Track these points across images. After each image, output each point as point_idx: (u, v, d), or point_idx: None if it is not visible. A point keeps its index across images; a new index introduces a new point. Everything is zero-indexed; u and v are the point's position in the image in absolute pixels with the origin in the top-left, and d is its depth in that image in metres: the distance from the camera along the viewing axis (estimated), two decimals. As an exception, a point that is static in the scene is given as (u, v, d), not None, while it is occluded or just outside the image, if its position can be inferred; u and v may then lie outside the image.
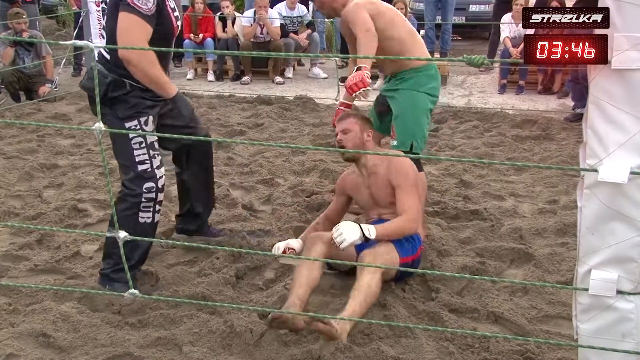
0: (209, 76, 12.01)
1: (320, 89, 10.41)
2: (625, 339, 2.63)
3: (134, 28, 4.14)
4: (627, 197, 2.52)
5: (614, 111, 2.49)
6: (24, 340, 3.84)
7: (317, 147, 7.50)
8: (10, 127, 8.06)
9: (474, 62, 2.82)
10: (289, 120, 8.95)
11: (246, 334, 3.79)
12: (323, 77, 11.89)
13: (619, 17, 2.42)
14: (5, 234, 5.37)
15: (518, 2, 10.87)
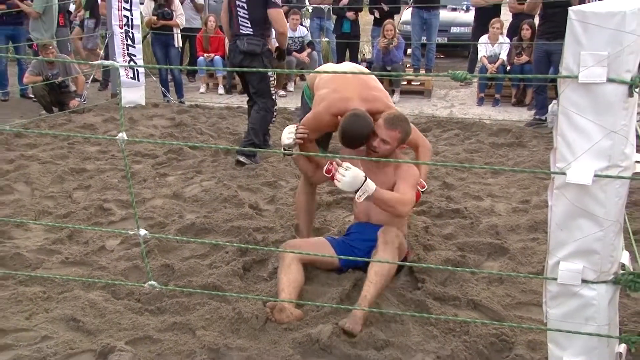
0: (219, 90, 12.00)
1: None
2: (589, 323, 2.64)
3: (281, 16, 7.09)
4: (592, 197, 2.54)
5: (580, 120, 2.50)
6: (57, 324, 3.86)
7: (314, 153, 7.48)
8: (44, 135, 8.06)
9: (457, 77, 2.82)
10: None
11: (252, 319, 3.78)
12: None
13: (585, 37, 2.42)
14: (40, 231, 5.37)
15: (494, 25, 10.95)
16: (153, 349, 3.60)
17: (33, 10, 10.31)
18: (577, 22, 2.42)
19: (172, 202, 5.93)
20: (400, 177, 4.28)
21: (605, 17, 2.37)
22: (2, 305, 4.05)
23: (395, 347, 3.60)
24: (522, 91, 10.52)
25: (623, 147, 2.48)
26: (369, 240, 4.30)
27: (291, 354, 3.50)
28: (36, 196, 6.17)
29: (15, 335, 3.74)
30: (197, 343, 3.62)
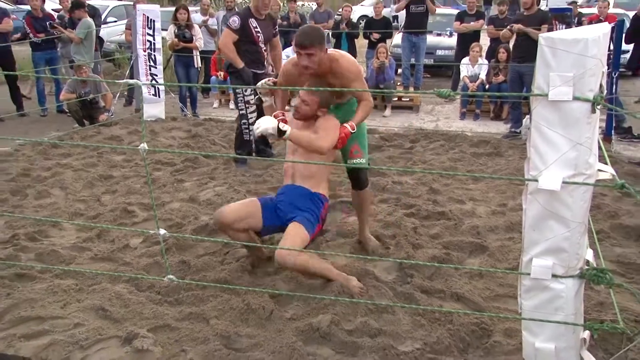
0: (231, 105, 11.95)
1: (320, 116, 10.41)
2: (557, 312, 2.66)
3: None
4: (560, 201, 2.56)
5: (550, 133, 2.52)
6: (87, 313, 3.89)
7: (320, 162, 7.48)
8: (77, 146, 8.07)
9: (442, 94, 2.85)
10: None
11: (259, 310, 3.80)
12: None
13: (553, 60, 2.45)
14: (72, 230, 5.39)
15: (474, 49, 11.02)
16: (171, 336, 3.62)
17: (76, 36, 10.42)
18: (546, 47, 2.45)
19: (188, 205, 5.92)
20: (318, 127, 4.27)
21: (570, 43, 2.40)
22: (40, 296, 4.09)
23: (387, 335, 3.61)
24: (499, 107, 10.53)
25: (587, 157, 2.51)
26: (292, 204, 4.29)
27: (294, 341, 3.50)
28: (70, 200, 6.18)
29: (51, 322, 3.77)
30: (210, 331, 3.64)
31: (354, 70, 4.31)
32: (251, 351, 3.47)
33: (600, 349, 3.35)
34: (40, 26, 10.76)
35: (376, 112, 11.03)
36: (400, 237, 5.02)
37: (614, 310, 3.48)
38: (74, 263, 4.68)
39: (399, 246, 4.87)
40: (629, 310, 3.74)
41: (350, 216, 5.59)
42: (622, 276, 4.40)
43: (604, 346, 3.39)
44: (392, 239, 5.03)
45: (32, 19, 10.86)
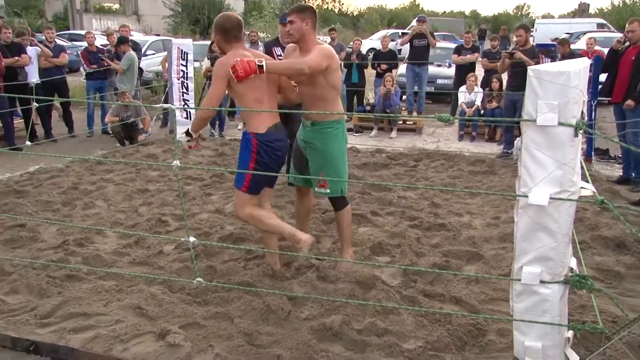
0: None
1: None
2: (545, 314, 2.66)
3: None
4: (548, 215, 2.57)
5: (539, 155, 2.53)
6: (126, 310, 3.92)
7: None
8: (118, 163, 8.14)
9: (442, 119, 2.87)
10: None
11: (278, 311, 3.81)
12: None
13: (540, 89, 2.46)
14: (114, 237, 5.42)
15: (470, 78, 11.08)
16: (200, 333, 3.64)
17: (120, 67, 10.55)
18: (534, 79, 2.47)
19: (215, 216, 5.94)
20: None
21: (555, 75, 2.42)
22: (86, 295, 4.13)
23: (393, 334, 3.62)
24: (492, 130, 10.55)
25: (571, 176, 2.52)
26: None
27: (309, 339, 3.51)
28: (111, 210, 6.23)
29: (96, 318, 3.82)
30: (234, 328, 3.66)
31: (321, 47, 4.23)
32: (271, 347, 3.48)
33: (582, 346, 3.35)
34: (93, 59, 10.92)
35: (383, 133, 11.09)
36: (405, 246, 5.03)
37: (594, 312, 3.47)
38: (115, 266, 4.72)
39: (403, 254, 4.89)
40: (607, 313, 3.74)
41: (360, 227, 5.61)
42: (602, 282, 4.42)
43: (585, 344, 3.40)
44: (398, 248, 5.04)
45: (87, 53, 11.04)
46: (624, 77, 7.26)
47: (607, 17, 35.30)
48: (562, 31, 24.23)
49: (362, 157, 8.73)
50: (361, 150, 9.23)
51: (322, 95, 4.29)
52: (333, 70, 4.26)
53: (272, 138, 4.11)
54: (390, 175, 7.75)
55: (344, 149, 4.50)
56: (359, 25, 49.45)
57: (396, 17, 55.68)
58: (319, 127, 4.37)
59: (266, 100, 4.12)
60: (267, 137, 4.09)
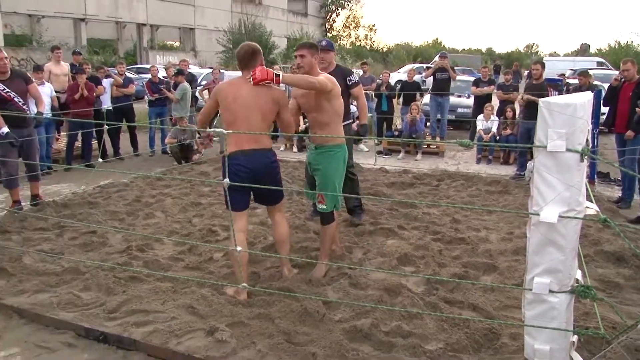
0: (294, 148, 12.02)
1: (364, 158, 10.42)
2: (553, 320, 2.63)
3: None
4: (557, 231, 2.55)
5: (549, 177, 2.52)
6: (180, 310, 3.95)
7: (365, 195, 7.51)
8: (175, 179, 8.25)
9: (463, 144, 2.88)
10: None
11: (314, 313, 3.81)
12: (365, 150, 11.77)
13: (550, 119, 2.46)
14: (170, 245, 5.48)
15: (487, 108, 11.03)
16: (244, 331, 3.65)
17: (175, 97, 10.75)
18: (545, 110, 2.47)
19: (259, 228, 5.97)
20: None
21: (563, 107, 2.42)
22: (146, 294, 4.19)
23: (416, 336, 3.59)
24: (507, 154, 10.46)
25: (578, 197, 2.51)
26: None
27: (341, 339, 3.50)
28: (168, 221, 6.30)
29: (154, 315, 3.86)
30: (275, 328, 3.66)
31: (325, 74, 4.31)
32: (307, 345, 3.48)
33: (585, 350, 3.29)
34: (155, 89, 11.16)
35: (409, 156, 11.06)
36: (428, 258, 5.01)
37: (596, 319, 3.42)
38: (171, 270, 4.78)
39: (427, 265, 4.86)
40: (608, 319, 3.68)
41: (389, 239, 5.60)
42: (603, 292, 4.35)
43: (588, 348, 3.34)
44: (422, 259, 5.01)
45: (150, 84, 11.29)
46: (624, 110, 7.31)
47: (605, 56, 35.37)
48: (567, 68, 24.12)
49: (391, 177, 8.72)
50: (390, 171, 9.22)
51: (327, 121, 4.36)
52: (336, 97, 4.34)
53: (234, 161, 4.08)
54: (416, 193, 7.72)
55: (341, 171, 4.53)
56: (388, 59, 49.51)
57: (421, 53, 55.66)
58: (322, 150, 4.46)
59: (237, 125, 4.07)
60: (232, 160, 4.08)
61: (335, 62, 5.80)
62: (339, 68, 5.79)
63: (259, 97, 4.07)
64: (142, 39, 34.90)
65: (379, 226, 5.97)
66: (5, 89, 6.43)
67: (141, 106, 13.14)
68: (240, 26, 36.05)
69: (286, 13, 49.50)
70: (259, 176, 4.10)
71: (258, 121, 4.10)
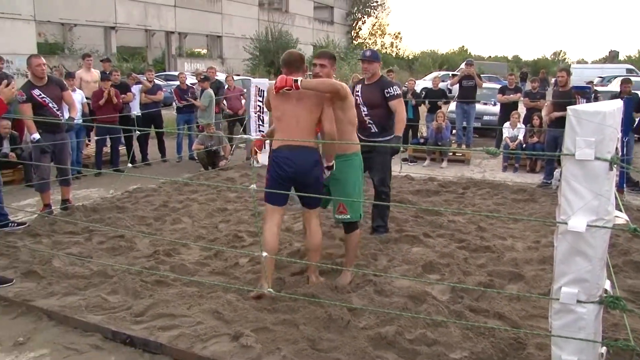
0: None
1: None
2: (581, 331, 2.60)
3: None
4: (585, 241, 2.53)
5: (577, 186, 2.50)
6: (206, 314, 3.98)
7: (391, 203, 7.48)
8: (202, 185, 8.32)
9: (490, 152, 2.86)
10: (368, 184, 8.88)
11: (339, 320, 3.80)
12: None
13: (579, 127, 2.44)
14: (197, 249, 5.52)
15: (514, 115, 10.95)
16: (269, 336, 3.66)
17: (202, 104, 10.86)
18: (573, 117, 2.45)
19: (285, 234, 5.96)
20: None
21: (592, 115, 2.39)
22: (172, 298, 4.22)
23: (441, 344, 3.56)
24: (533, 162, 10.35)
25: (606, 206, 2.47)
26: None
27: (365, 346, 3.50)
28: (195, 226, 6.34)
29: (180, 319, 3.89)
30: (299, 334, 3.66)
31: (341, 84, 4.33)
32: (331, 352, 3.48)
33: (614, 362, 3.23)
34: (184, 95, 11.29)
35: (435, 163, 11.00)
36: (453, 266, 4.97)
37: (626, 331, 3.35)
38: (197, 275, 4.81)
39: (452, 273, 4.82)
40: (638, 331, 3.62)
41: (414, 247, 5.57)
42: (633, 303, 4.26)
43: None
44: (447, 267, 4.97)
45: (179, 90, 11.44)
46: None
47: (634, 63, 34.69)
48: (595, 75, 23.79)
49: (416, 185, 8.68)
50: (415, 178, 9.17)
51: (341, 131, 4.35)
52: (350, 108, 4.40)
53: (280, 154, 4.24)
54: (441, 201, 7.67)
55: (360, 178, 4.58)
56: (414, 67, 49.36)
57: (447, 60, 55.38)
58: (341, 159, 4.46)
59: (286, 121, 4.25)
60: (275, 153, 4.27)
61: (380, 73, 5.77)
62: (381, 80, 5.72)
63: (302, 96, 4.20)
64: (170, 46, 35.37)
65: (404, 233, 5.94)
66: (41, 95, 6.60)
67: (169, 112, 13.32)
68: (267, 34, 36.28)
69: (312, 21, 49.68)
70: (302, 173, 4.22)
71: (305, 118, 4.23)
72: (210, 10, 38.08)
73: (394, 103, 5.62)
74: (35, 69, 6.59)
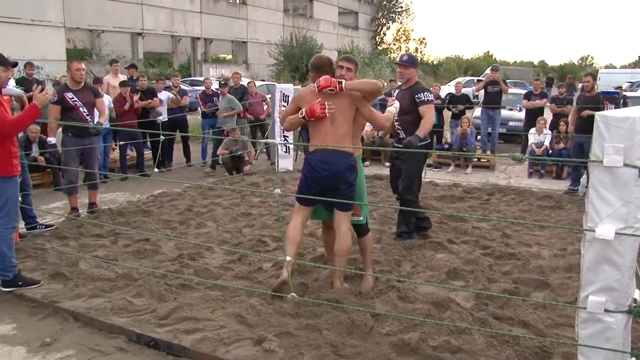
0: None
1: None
2: (608, 341, 2.55)
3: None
4: (613, 249, 2.50)
5: (605, 193, 2.47)
6: (230, 318, 3.99)
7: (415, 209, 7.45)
8: (226, 189, 8.39)
9: (516, 158, 2.85)
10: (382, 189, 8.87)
11: (362, 326, 3.79)
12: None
13: (607, 133, 2.41)
14: (220, 254, 5.55)
15: (540, 121, 10.80)
16: (292, 341, 3.66)
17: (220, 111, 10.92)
18: (601, 123, 2.41)
19: (309, 239, 5.97)
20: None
21: (621, 120, 2.36)
22: (196, 302, 4.25)
23: (465, 352, 3.52)
24: (560, 168, 10.21)
25: (635, 213, 2.44)
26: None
27: (389, 352, 3.48)
28: (219, 230, 6.38)
29: (204, 322, 3.92)
30: (322, 339, 3.65)
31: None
32: (354, 358, 3.47)
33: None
34: (209, 100, 11.39)
35: (459, 169, 10.91)
36: (478, 273, 4.92)
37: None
38: (221, 279, 4.83)
39: (476, 279, 4.78)
40: (670, 342, 3.52)
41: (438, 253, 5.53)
42: (664, 313, 4.14)
43: (647, 372, 3.20)
44: (471, 274, 4.93)
45: (204, 95, 11.54)
46: None
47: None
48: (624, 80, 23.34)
49: (440, 190, 8.62)
50: (439, 184, 9.11)
51: (353, 133, 4.44)
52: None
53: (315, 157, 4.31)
54: (466, 207, 7.61)
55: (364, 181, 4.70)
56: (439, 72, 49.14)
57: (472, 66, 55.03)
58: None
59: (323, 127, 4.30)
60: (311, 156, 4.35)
61: (417, 79, 5.77)
62: (415, 85, 5.72)
63: (336, 99, 4.26)
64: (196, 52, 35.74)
65: (428, 240, 5.91)
66: (74, 98, 6.81)
67: (194, 117, 13.44)
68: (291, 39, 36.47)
69: (337, 26, 49.80)
70: (336, 176, 4.27)
71: (340, 120, 4.29)
72: (236, 16, 38.43)
73: (423, 108, 5.60)
74: (74, 73, 6.87)
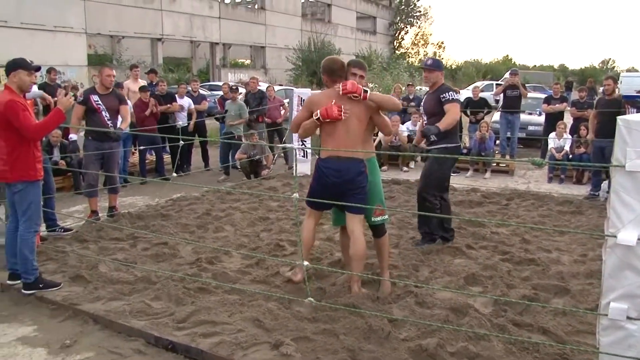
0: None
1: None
2: (630, 349, 2.52)
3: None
4: (636, 255, 2.47)
5: (627, 198, 2.44)
6: (247, 322, 4.00)
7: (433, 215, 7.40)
8: (244, 194, 8.41)
9: (536, 162, 2.82)
10: (412, 195, 8.80)
11: (379, 331, 3.77)
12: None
13: (629, 138, 2.38)
14: (238, 258, 5.57)
15: (560, 125, 10.66)
16: (309, 346, 3.66)
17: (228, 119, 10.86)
18: (623, 128, 2.38)
19: (326, 244, 5.97)
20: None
21: (644, 125, 2.33)
22: (214, 306, 4.27)
23: (483, 358, 3.50)
24: (580, 173, 10.09)
25: (659, 219, 2.39)
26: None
27: (406, 358, 3.47)
28: (237, 234, 6.40)
29: (221, 326, 3.93)
30: (339, 344, 3.64)
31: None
32: (371, 363, 3.46)
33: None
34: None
35: (478, 174, 10.82)
36: (497, 278, 4.88)
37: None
38: (239, 283, 4.85)
39: (495, 285, 4.73)
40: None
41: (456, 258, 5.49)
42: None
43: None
44: (490, 280, 4.88)
45: (222, 100, 11.60)
46: None
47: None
48: None
49: (459, 195, 8.56)
50: (458, 189, 9.05)
51: (366, 137, 4.45)
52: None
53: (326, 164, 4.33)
54: (484, 212, 7.55)
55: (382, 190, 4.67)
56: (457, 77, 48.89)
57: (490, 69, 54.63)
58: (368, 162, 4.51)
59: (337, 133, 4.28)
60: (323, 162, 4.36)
61: (442, 82, 5.75)
62: (441, 87, 5.70)
63: (353, 104, 4.25)
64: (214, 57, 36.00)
65: (446, 245, 5.87)
66: (98, 101, 6.95)
67: (213, 122, 13.52)
68: (309, 44, 36.57)
69: (355, 31, 49.84)
70: (346, 183, 4.27)
71: (356, 128, 4.29)
72: (254, 22, 38.65)
73: (448, 106, 5.53)
74: (105, 78, 7.04)
